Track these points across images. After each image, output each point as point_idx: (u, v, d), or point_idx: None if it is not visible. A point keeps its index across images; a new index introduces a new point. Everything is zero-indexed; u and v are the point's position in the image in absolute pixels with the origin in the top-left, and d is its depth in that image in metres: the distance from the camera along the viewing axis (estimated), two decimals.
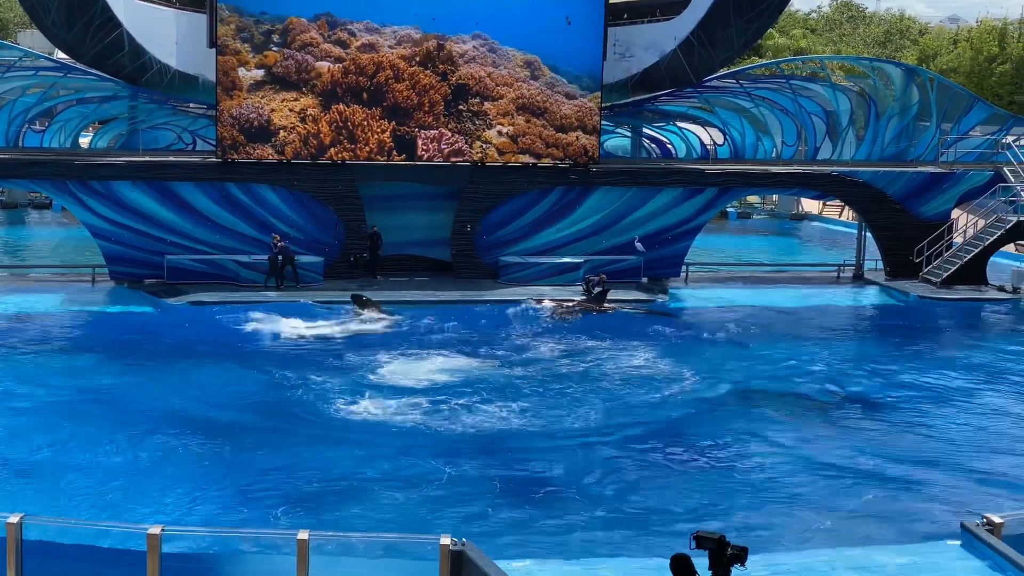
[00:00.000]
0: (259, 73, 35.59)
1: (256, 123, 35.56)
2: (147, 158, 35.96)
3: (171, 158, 36.48)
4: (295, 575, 12.37)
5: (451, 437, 22.49)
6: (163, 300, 33.69)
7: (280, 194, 36.17)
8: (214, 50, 35.65)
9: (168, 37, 37.16)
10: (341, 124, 35.90)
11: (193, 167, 35.87)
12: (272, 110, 35.56)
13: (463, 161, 36.64)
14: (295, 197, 36.26)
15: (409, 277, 37.17)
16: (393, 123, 36.12)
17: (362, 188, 36.68)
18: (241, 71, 35.39)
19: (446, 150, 36.48)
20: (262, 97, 35.53)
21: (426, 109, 36.31)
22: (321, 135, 35.84)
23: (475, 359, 28.21)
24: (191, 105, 38.10)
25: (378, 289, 34.77)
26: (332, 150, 35.90)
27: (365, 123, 35.98)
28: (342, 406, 23.97)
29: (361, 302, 33.00)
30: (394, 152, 36.21)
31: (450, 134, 36.40)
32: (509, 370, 27.50)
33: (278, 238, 35.10)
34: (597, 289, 34.18)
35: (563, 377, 27.13)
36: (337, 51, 35.82)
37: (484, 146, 36.67)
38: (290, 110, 35.70)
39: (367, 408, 23.87)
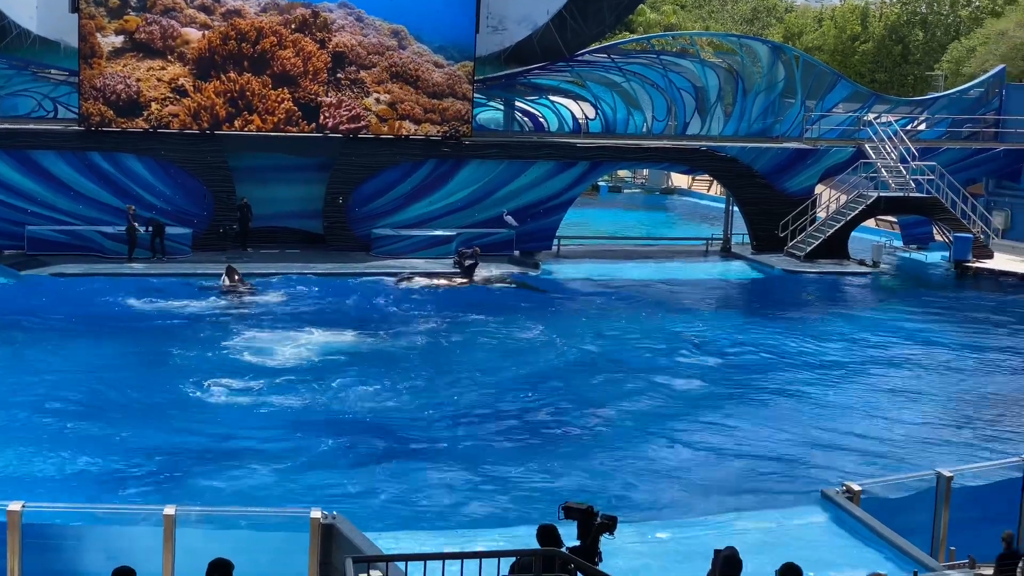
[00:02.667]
0: (119, 39, 34.63)
1: (124, 94, 34.66)
2: (6, 125, 34.84)
3: (32, 126, 35.42)
4: (161, 551, 12.19)
5: (322, 411, 22.34)
6: (23, 272, 32.72)
7: (146, 164, 35.38)
8: (76, 15, 34.61)
9: (28, 1, 35.98)
10: (236, 95, 35.24)
11: (55, 135, 34.87)
12: (139, 80, 34.72)
13: (333, 133, 36.33)
14: (162, 167, 35.50)
15: (280, 249, 36.71)
16: (288, 91, 35.66)
17: (231, 159, 36.08)
18: (99, 36, 34.41)
19: (346, 116, 36.13)
20: (124, 65, 34.64)
21: (311, 76, 35.90)
22: (215, 107, 35.09)
23: (346, 333, 27.99)
24: (52, 71, 36.98)
25: (248, 261, 34.25)
26: (236, 122, 35.27)
27: (262, 92, 35.43)
28: (209, 383, 23.49)
29: (231, 280, 32.24)
30: (303, 121, 35.79)
31: (348, 100, 36.10)
32: (380, 343, 27.40)
33: (133, 208, 34.32)
34: (469, 262, 34.21)
35: (434, 350, 27.14)
36: (202, 17, 35.10)
37: (365, 113, 36.41)
38: (158, 80, 34.88)
39: (234, 385, 23.49)
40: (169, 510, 12.33)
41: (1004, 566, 14.34)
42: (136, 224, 34.19)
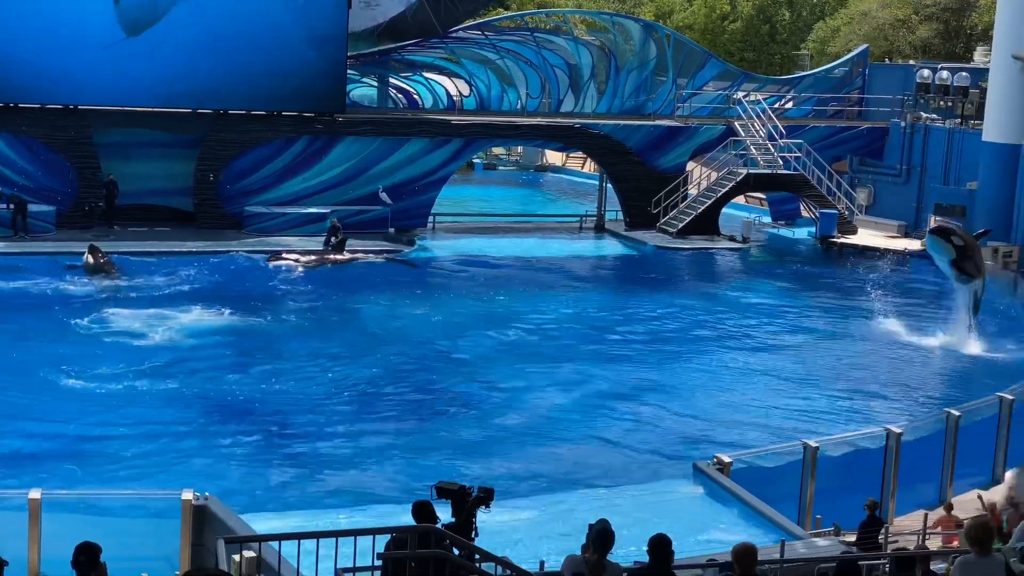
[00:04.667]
0: None
1: None
2: None
3: None
4: (27, 536, 11.89)
5: (193, 392, 22.00)
6: None
7: (6, 139, 34.31)
8: None
9: None
10: None
11: None
12: None
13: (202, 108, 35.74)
14: (23, 143, 34.47)
15: (149, 228, 35.86)
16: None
17: (97, 134, 35.17)
18: None
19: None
20: None
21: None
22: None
23: (217, 312, 27.52)
24: None
25: (115, 240, 33.45)
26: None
27: None
28: (73, 366, 22.85)
29: (95, 259, 31.19)
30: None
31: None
32: (252, 322, 27.07)
33: None
34: (341, 236, 33.90)
35: (307, 329, 26.93)
36: None
37: (240, 88, 35.80)
38: None
39: (100, 368, 22.90)
40: (35, 494, 12.05)
41: (867, 533, 14.81)
42: None
